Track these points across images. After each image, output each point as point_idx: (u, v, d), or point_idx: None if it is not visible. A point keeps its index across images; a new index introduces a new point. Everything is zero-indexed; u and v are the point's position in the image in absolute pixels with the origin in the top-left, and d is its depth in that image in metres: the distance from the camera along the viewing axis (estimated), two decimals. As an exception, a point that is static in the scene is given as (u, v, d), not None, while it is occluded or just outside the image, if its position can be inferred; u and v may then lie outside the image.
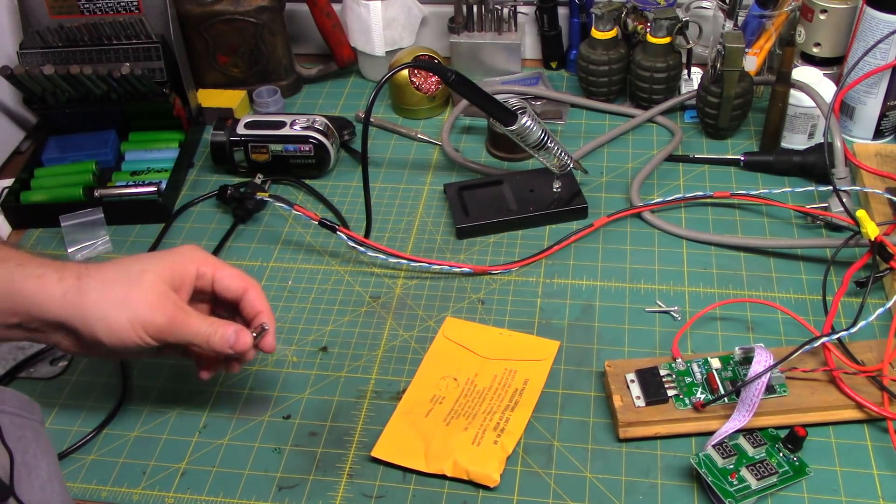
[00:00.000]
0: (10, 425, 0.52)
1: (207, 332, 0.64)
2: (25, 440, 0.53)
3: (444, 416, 0.71)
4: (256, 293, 0.68)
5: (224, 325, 0.65)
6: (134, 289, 0.63)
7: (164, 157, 1.00)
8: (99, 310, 0.62)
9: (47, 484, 0.53)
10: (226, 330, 0.65)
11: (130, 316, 0.62)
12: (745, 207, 0.90)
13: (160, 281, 0.64)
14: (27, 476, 0.52)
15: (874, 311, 0.71)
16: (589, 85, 1.05)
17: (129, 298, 0.63)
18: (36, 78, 0.94)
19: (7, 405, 0.54)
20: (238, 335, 0.65)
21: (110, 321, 0.62)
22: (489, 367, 0.75)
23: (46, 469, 0.54)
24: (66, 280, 0.62)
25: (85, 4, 0.99)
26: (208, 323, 0.65)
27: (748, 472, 0.64)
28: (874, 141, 0.97)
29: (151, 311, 0.63)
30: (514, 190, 0.92)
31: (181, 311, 0.64)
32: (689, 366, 0.71)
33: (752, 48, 1.00)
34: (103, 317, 0.62)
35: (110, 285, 0.63)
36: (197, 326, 0.64)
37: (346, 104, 1.11)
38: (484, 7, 1.09)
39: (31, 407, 0.56)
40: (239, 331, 0.65)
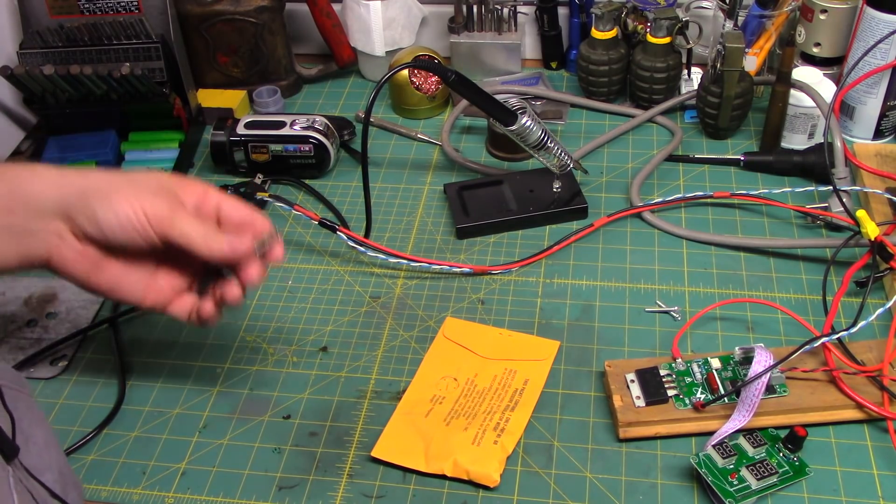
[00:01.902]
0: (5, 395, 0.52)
1: (206, 232, 0.62)
2: (20, 410, 0.53)
3: (444, 416, 0.71)
4: (263, 219, 0.66)
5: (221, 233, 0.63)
6: (138, 177, 0.62)
7: (164, 157, 1.00)
8: (100, 189, 0.60)
9: (44, 450, 0.54)
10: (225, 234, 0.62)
11: (133, 196, 0.60)
12: (745, 207, 0.90)
13: (164, 179, 0.63)
14: (25, 443, 0.53)
15: (874, 311, 0.71)
16: (589, 85, 1.05)
17: (133, 182, 0.61)
18: (36, 78, 0.94)
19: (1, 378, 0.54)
20: (240, 237, 0.63)
21: (112, 199, 0.60)
22: (489, 367, 0.74)
23: (43, 436, 0.54)
24: (67, 169, 0.61)
25: (85, 4, 0.99)
26: (207, 226, 0.62)
27: (748, 472, 0.64)
28: (874, 141, 0.97)
29: (154, 197, 0.61)
30: (514, 190, 0.92)
31: (182, 206, 0.62)
32: (689, 366, 0.71)
33: (752, 48, 1.00)
34: (105, 195, 0.60)
35: (115, 174, 0.62)
36: (196, 225, 0.62)
37: (346, 104, 1.11)
38: (484, 7, 1.09)
39: (22, 381, 0.56)
40: (240, 235, 0.63)
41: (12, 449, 0.50)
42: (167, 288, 0.66)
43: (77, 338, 0.81)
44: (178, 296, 0.67)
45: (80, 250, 0.62)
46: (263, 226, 0.66)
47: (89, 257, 0.62)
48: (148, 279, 0.65)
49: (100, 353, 0.80)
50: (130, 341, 0.81)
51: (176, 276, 0.67)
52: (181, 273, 0.67)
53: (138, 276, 0.65)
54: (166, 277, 0.66)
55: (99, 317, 0.84)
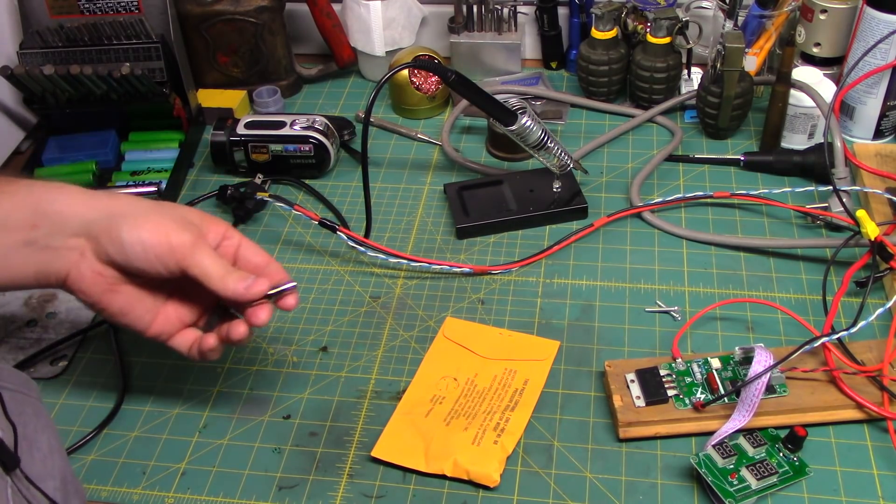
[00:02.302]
0: (10, 401, 0.52)
1: (225, 269, 0.63)
2: (26, 416, 0.53)
3: (444, 416, 0.71)
4: (278, 267, 0.68)
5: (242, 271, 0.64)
6: (165, 206, 0.63)
7: (164, 157, 1.00)
8: (128, 213, 0.61)
9: (48, 457, 0.54)
10: (244, 273, 0.63)
11: (160, 223, 0.61)
12: (745, 207, 0.90)
13: (189, 212, 0.64)
14: (28, 450, 0.53)
15: (874, 311, 0.71)
16: (589, 85, 1.05)
17: (160, 210, 0.63)
18: (36, 78, 0.94)
19: (7, 382, 0.54)
20: (257, 279, 0.63)
21: (139, 224, 0.61)
22: (489, 367, 0.75)
23: (47, 443, 0.54)
24: (95, 191, 0.63)
25: (85, 4, 0.99)
26: (226, 263, 0.63)
27: (748, 472, 0.64)
28: (874, 141, 0.97)
29: (179, 227, 0.62)
30: (514, 190, 0.92)
31: (205, 240, 0.63)
32: (689, 366, 0.71)
33: (752, 48, 1.00)
34: (132, 218, 0.61)
35: (142, 200, 0.63)
36: (217, 260, 0.63)
37: (346, 104, 1.11)
38: (484, 7, 1.09)
39: (30, 384, 0.56)
40: (258, 277, 0.64)
41: (12, 459, 0.50)
42: (174, 319, 0.67)
43: (77, 338, 0.81)
44: (182, 328, 0.68)
45: (99, 271, 0.62)
46: (279, 274, 0.67)
47: (106, 279, 0.63)
48: (158, 308, 0.66)
49: (100, 353, 0.80)
50: (130, 341, 0.81)
51: (185, 308, 0.68)
52: (190, 307, 0.68)
53: (149, 304, 0.66)
54: (175, 309, 0.67)
55: (99, 317, 0.84)
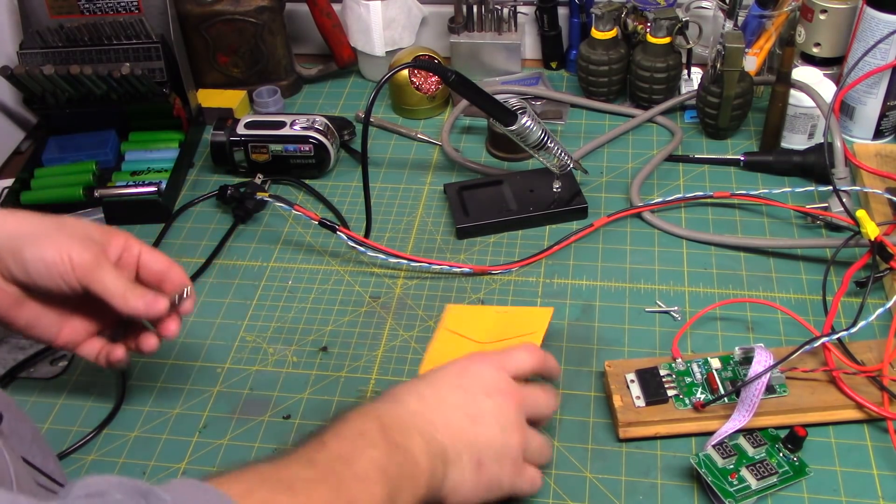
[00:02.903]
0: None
1: (126, 286, 0.63)
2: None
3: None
4: (179, 271, 0.68)
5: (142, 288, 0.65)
6: (67, 224, 0.64)
7: (164, 157, 1.00)
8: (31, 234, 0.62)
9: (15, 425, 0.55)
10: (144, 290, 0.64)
11: (62, 242, 0.62)
12: (745, 207, 0.90)
13: (92, 229, 0.65)
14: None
15: (874, 311, 0.71)
16: (589, 85, 1.05)
17: (63, 228, 0.63)
18: (36, 78, 0.94)
19: None
20: (156, 297, 0.64)
21: (41, 244, 0.62)
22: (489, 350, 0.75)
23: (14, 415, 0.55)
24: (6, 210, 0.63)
25: (85, 4, 0.99)
26: (127, 281, 0.64)
27: (748, 472, 0.64)
28: (874, 141, 0.97)
29: (81, 246, 0.63)
30: (514, 190, 0.92)
31: (107, 258, 0.64)
32: (689, 366, 0.71)
33: (752, 48, 1.00)
34: (35, 240, 0.62)
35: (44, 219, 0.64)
36: (118, 278, 0.63)
37: (346, 104, 1.11)
38: (484, 7, 1.09)
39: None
40: (157, 294, 0.65)
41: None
42: (81, 329, 0.69)
43: (77, 338, 0.81)
44: (89, 337, 0.69)
45: (2, 287, 0.63)
46: (180, 278, 0.68)
47: (11, 295, 0.64)
48: (64, 320, 0.68)
49: (100, 353, 0.80)
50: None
51: (91, 319, 0.69)
52: (97, 317, 0.69)
53: (54, 317, 0.67)
54: (81, 321, 0.68)
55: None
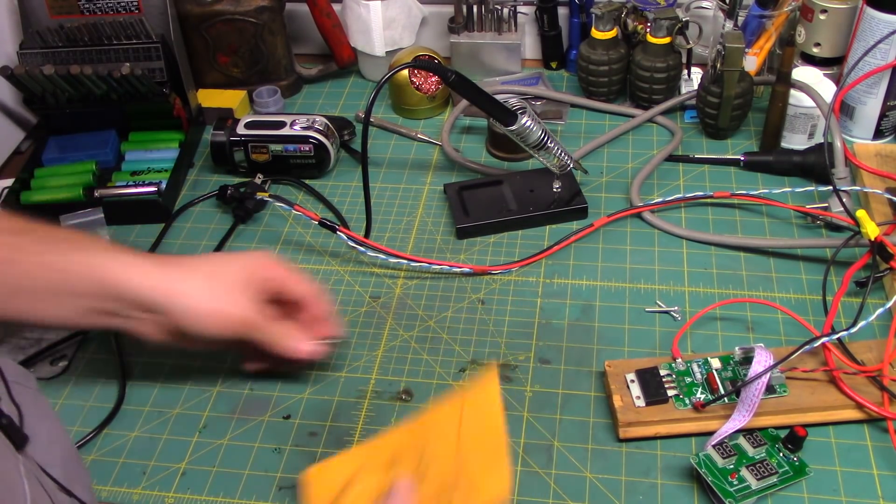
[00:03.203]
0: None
1: (279, 334, 0.70)
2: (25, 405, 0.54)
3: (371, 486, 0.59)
4: (317, 295, 0.73)
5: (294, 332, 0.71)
6: (218, 282, 0.68)
7: (164, 157, 1.00)
8: (186, 297, 0.67)
9: (48, 446, 0.54)
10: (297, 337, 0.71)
11: (214, 307, 0.67)
12: (745, 207, 0.90)
13: (239, 280, 0.69)
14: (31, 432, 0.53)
15: (874, 311, 0.71)
16: (589, 85, 1.05)
17: (213, 290, 0.68)
18: (36, 78, 0.94)
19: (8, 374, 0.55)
20: (308, 344, 0.71)
21: (200, 307, 0.67)
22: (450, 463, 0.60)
23: (47, 433, 0.55)
24: (156, 265, 0.68)
25: (85, 4, 0.99)
26: (279, 326, 0.71)
27: (748, 472, 0.64)
28: (874, 141, 0.97)
29: (234, 306, 0.68)
30: (514, 190, 0.92)
31: (258, 311, 0.69)
32: (689, 366, 0.71)
33: (752, 48, 1.00)
34: (190, 304, 0.67)
35: (195, 276, 0.68)
36: (271, 327, 0.70)
37: (346, 104, 1.11)
38: (484, 7, 1.09)
39: (27, 376, 0.58)
40: (308, 340, 0.71)
41: (21, 438, 0.51)
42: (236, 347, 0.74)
43: (77, 338, 0.81)
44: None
45: (164, 335, 0.69)
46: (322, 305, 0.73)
47: (172, 339, 0.69)
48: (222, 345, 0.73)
49: (100, 353, 0.80)
50: (130, 341, 0.81)
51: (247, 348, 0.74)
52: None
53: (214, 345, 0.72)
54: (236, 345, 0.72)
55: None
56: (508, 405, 0.72)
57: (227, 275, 0.69)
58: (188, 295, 0.67)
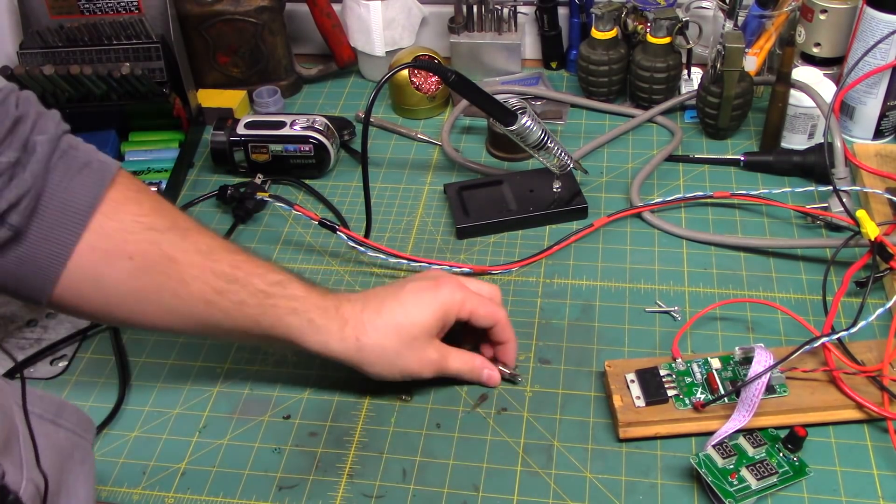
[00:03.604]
0: (64, 441, 0.51)
1: (464, 369, 0.72)
2: (72, 461, 0.52)
3: None
4: (503, 325, 0.73)
5: (478, 364, 0.73)
6: (405, 339, 0.69)
7: (164, 157, 1.00)
8: (371, 365, 0.69)
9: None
10: (481, 370, 0.73)
11: (401, 370, 0.70)
12: (745, 207, 0.90)
13: (429, 337, 0.70)
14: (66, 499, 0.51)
15: (874, 311, 0.71)
16: (589, 85, 1.05)
17: (400, 356, 0.69)
18: (36, 78, 0.94)
19: (66, 420, 0.54)
20: (491, 375, 0.73)
21: (383, 373, 0.70)
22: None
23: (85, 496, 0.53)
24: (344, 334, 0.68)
25: (85, 4, 0.99)
26: (464, 361, 0.72)
27: (748, 472, 0.64)
28: (874, 141, 0.97)
29: (420, 368, 0.70)
30: (514, 190, 0.92)
31: (443, 359, 0.71)
32: (689, 366, 0.71)
33: (752, 48, 1.00)
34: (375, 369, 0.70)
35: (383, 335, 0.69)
36: (456, 366, 0.72)
37: (346, 104, 1.11)
38: (484, 7, 1.09)
39: (88, 426, 0.56)
40: (492, 371, 0.73)
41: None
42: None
43: (77, 338, 0.81)
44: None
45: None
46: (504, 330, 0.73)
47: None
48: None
49: (100, 353, 0.80)
50: (130, 341, 0.81)
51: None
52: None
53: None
54: None
55: (99, 317, 0.83)
56: (508, 405, 0.72)
57: (416, 328, 0.69)
58: (373, 364, 0.69)
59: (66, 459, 0.51)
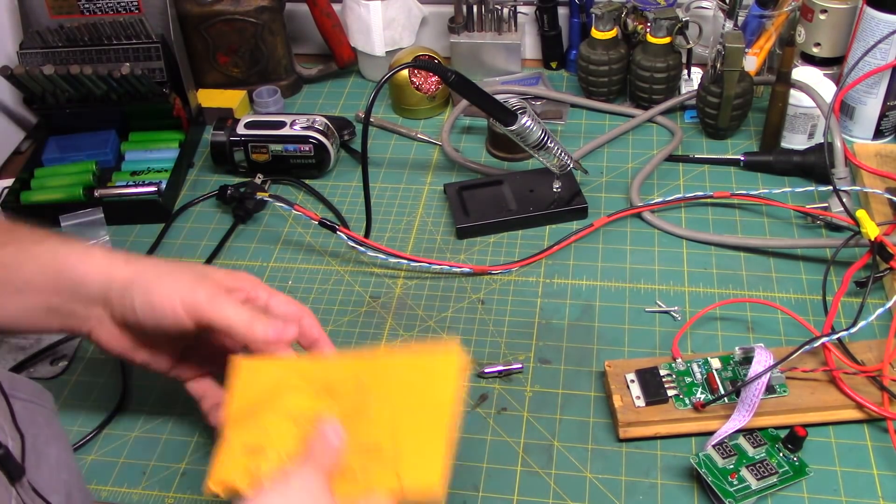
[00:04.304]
0: (21, 411, 0.53)
1: (251, 316, 0.61)
2: (36, 426, 0.54)
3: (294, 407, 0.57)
4: (312, 320, 0.66)
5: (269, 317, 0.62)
6: (183, 269, 0.63)
7: (164, 157, 1.00)
8: (142, 279, 0.62)
9: (55, 470, 0.54)
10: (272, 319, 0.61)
11: (172, 288, 0.61)
12: (745, 207, 0.90)
13: (209, 270, 0.65)
14: (36, 462, 0.53)
15: (874, 311, 0.71)
16: (589, 85, 1.05)
17: (175, 273, 0.63)
18: (36, 78, 0.94)
19: (20, 392, 0.54)
20: (285, 325, 0.61)
21: (151, 289, 0.61)
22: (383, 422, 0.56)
23: (56, 456, 0.54)
24: (114, 256, 0.63)
25: (85, 4, 0.99)
26: (251, 311, 0.61)
27: (748, 472, 0.64)
28: (874, 141, 0.97)
29: (194, 287, 0.61)
30: (514, 190, 0.92)
31: (225, 293, 0.62)
32: (689, 366, 0.71)
33: (752, 48, 1.00)
34: (144, 284, 0.62)
35: (159, 263, 0.64)
36: (240, 310, 0.61)
37: (346, 104, 1.11)
38: (484, 7, 1.09)
39: (43, 395, 0.57)
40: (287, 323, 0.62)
41: (18, 469, 0.50)
42: (194, 366, 0.69)
43: (77, 338, 0.81)
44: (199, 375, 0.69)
45: (117, 334, 0.64)
46: (312, 324, 0.66)
47: (125, 339, 0.65)
48: (177, 358, 0.68)
49: (100, 353, 0.80)
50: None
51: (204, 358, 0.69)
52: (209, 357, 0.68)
53: (169, 356, 0.67)
54: (196, 358, 0.69)
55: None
56: (508, 405, 0.72)
57: (191, 268, 0.64)
58: (144, 277, 0.62)
59: (28, 425, 0.52)
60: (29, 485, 0.50)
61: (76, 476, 0.56)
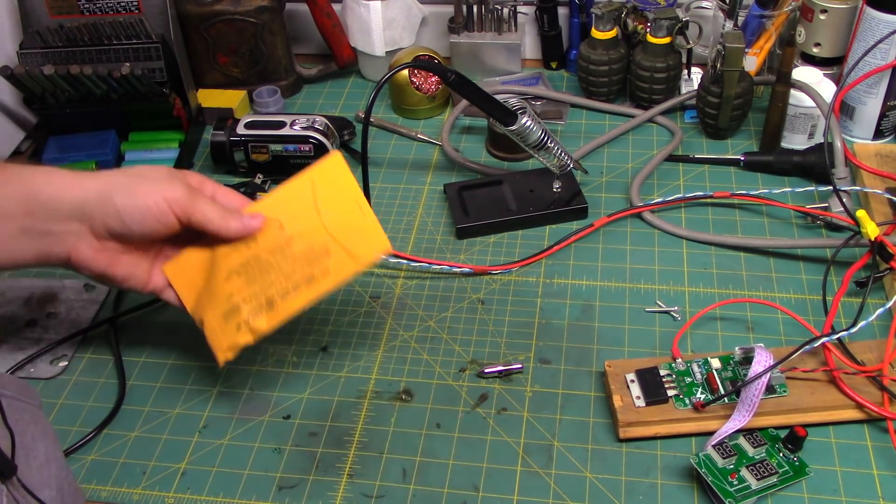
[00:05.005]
0: (7, 408, 0.53)
1: (224, 211, 0.67)
2: (23, 423, 0.54)
3: (233, 265, 0.68)
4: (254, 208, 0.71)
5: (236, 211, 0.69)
6: (147, 171, 0.66)
7: (164, 157, 1.00)
8: (119, 186, 0.64)
9: (45, 466, 0.54)
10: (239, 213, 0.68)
11: (153, 188, 0.65)
12: (745, 207, 0.90)
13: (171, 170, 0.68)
14: (25, 458, 0.53)
15: (874, 311, 0.71)
16: (589, 85, 1.05)
17: (146, 176, 0.66)
18: (36, 78, 0.94)
19: (6, 389, 0.55)
20: (251, 215, 0.68)
21: (133, 192, 0.64)
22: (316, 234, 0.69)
23: (44, 451, 0.54)
24: (78, 172, 0.65)
25: (85, 4, 0.99)
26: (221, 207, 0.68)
27: (748, 472, 0.64)
28: (874, 141, 0.97)
29: (170, 185, 0.65)
30: (514, 190, 0.92)
31: (197, 189, 0.67)
32: (689, 366, 0.71)
33: (752, 48, 1.00)
34: (125, 189, 0.64)
35: (127, 171, 0.66)
36: (213, 206, 0.67)
37: (346, 104, 1.11)
38: (484, 7, 1.09)
39: (29, 391, 0.57)
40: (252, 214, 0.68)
41: (9, 467, 0.50)
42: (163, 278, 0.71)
43: (77, 338, 0.81)
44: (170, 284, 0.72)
45: (98, 247, 0.65)
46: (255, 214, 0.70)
47: (106, 253, 0.66)
48: (153, 266, 0.71)
49: (100, 353, 0.80)
50: (130, 341, 0.81)
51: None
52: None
53: (146, 265, 0.70)
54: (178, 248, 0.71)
55: (99, 317, 0.84)
56: (508, 405, 0.73)
57: (155, 171, 0.67)
58: (115, 188, 0.64)
59: (15, 422, 0.53)
60: (19, 482, 0.51)
61: (65, 470, 0.56)
